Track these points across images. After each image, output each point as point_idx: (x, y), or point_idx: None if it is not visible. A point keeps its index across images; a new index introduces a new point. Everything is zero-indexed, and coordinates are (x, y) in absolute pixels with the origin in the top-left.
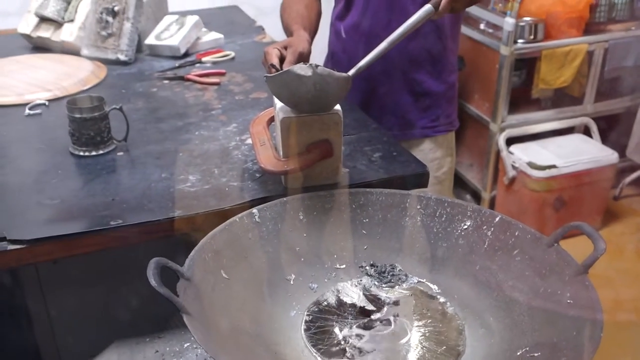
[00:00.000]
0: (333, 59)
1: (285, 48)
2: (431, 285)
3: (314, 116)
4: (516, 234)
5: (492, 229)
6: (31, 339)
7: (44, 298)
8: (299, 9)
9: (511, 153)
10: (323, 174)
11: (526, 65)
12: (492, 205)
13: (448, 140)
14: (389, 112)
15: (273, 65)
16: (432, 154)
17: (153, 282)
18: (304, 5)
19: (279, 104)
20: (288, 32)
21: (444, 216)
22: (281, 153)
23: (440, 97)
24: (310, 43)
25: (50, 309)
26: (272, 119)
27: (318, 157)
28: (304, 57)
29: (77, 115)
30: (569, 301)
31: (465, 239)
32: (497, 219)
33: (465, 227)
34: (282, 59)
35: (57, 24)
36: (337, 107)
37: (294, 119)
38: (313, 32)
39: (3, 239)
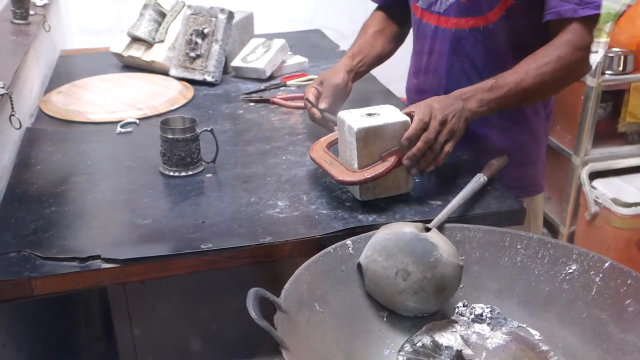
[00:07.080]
0: (407, 94)
1: (322, 83)
2: (532, 331)
3: (387, 125)
4: (628, 282)
5: (601, 274)
6: (114, 357)
7: (130, 317)
8: (367, 33)
9: (594, 188)
10: (395, 184)
11: (613, 97)
12: (570, 240)
13: None
14: None
15: (308, 100)
16: None
17: (253, 314)
18: (375, 30)
19: (347, 120)
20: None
21: (547, 258)
22: (356, 165)
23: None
24: (349, 71)
25: (135, 328)
26: (330, 144)
27: (394, 164)
28: (339, 88)
29: (170, 136)
30: None
31: (570, 283)
32: (606, 264)
33: (570, 271)
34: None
35: (148, 44)
36: (406, 116)
37: (368, 128)
38: (371, 58)
39: (97, 257)
